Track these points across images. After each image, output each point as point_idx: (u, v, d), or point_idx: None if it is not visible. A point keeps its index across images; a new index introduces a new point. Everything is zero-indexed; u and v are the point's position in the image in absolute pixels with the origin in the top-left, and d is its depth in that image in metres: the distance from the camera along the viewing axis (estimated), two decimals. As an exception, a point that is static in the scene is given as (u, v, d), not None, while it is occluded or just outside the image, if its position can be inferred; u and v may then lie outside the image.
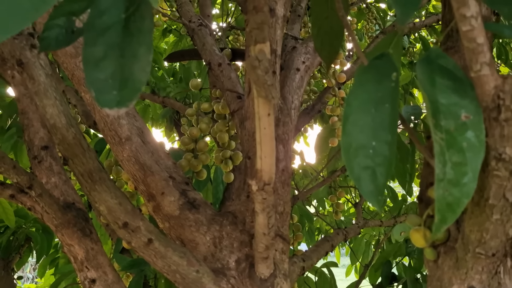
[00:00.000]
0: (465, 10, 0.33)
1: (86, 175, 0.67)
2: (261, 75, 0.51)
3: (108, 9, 0.36)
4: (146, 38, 0.35)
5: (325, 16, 0.64)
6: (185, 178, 0.86)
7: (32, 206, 0.97)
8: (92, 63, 0.34)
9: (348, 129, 0.44)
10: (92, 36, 0.35)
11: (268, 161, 0.57)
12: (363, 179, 0.42)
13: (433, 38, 3.35)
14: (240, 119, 0.94)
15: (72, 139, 0.67)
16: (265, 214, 0.61)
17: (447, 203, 0.36)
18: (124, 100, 0.33)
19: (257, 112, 0.55)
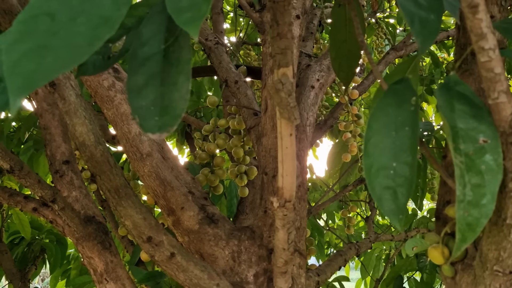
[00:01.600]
0: (484, 43, 0.36)
1: (113, 191, 0.70)
2: (284, 98, 0.54)
3: (148, 40, 0.39)
4: (185, 68, 0.37)
5: (344, 39, 0.66)
6: (204, 193, 0.89)
7: (54, 219, 1.00)
8: (135, 91, 0.37)
9: (370, 150, 0.46)
10: (135, 66, 0.38)
11: (289, 179, 0.59)
12: (384, 199, 0.45)
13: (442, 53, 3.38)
14: (256, 135, 0.97)
15: (100, 157, 0.70)
16: (285, 230, 0.63)
17: (467, 223, 0.38)
18: (165, 126, 0.35)
19: (280, 132, 0.58)
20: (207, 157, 1.05)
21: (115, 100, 0.89)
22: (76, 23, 0.33)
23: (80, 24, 0.33)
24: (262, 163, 0.91)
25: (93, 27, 0.33)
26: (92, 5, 0.34)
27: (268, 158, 0.89)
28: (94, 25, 0.33)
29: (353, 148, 1.22)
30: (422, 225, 2.30)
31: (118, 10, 0.34)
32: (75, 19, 0.33)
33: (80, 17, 0.33)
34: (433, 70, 3.19)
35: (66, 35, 0.32)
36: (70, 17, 0.33)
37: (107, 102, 0.88)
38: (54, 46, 0.31)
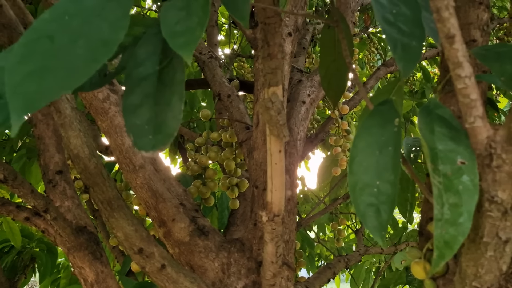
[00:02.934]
0: (460, 71, 0.38)
1: (105, 203, 0.71)
2: (274, 116, 0.56)
3: (144, 61, 0.41)
4: (178, 89, 0.39)
5: (333, 59, 0.68)
6: (195, 205, 0.90)
7: (46, 229, 1.01)
8: (130, 110, 0.39)
9: (354, 169, 0.48)
10: (130, 86, 0.40)
11: (278, 194, 0.61)
12: (368, 215, 0.46)
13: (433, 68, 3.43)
14: (248, 149, 0.98)
15: (93, 169, 0.72)
16: (273, 244, 0.65)
17: (444, 241, 0.40)
18: (158, 144, 0.37)
19: (269, 149, 0.60)
20: (199, 169, 1.06)
21: (110, 112, 0.90)
22: (75, 45, 0.35)
23: (79, 47, 0.35)
24: (253, 176, 0.93)
25: (92, 50, 0.35)
26: (90, 28, 0.36)
27: (259, 171, 0.91)
28: (93, 48, 0.35)
29: (343, 162, 1.24)
30: (412, 238, 2.32)
31: (116, 33, 0.36)
32: (75, 42, 0.35)
33: (79, 40, 0.35)
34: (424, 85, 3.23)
35: (66, 58, 0.34)
36: (70, 39, 0.35)
37: (102, 114, 0.90)
38: (54, 68, 0.33)
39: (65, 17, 0.37)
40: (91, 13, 0.37)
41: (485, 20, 0.67)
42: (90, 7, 0.38)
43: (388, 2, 0.47)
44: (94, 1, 0.38)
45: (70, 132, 0.72)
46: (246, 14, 0.42)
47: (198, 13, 0.37)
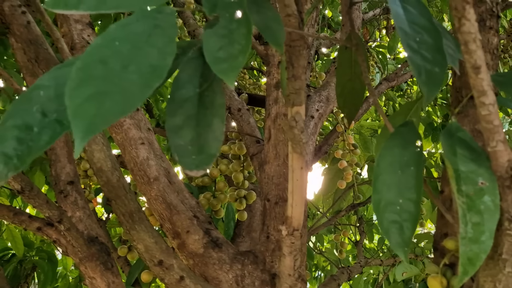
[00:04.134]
0: (485, 98, 0.40)
1: (127, 215, 0.73)
2: (297, 134, 0.58)
3: (185, 84, 0.43)
4: (219, 111, 0.42)
5: (349, 78, 0.71)
6: (208, 217, 0.92)
7: (57, 239, 1.02)
8: (174, 131, 0.41)
9: (378, 187, 0.50)
10: (173, 107, 0.42)
11: (298, 209, 0.63)
12: (391, 232, 0.49)
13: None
14: (259, 162, 1.01)
15: (116, 182, 0.73)
16: (292, 257, 0.67)
17: (468, 258, 0.43)
18: (201, 164, 0.39)
19: (291, 165, 0.62)
20: (209, 181, 1.08)
21: (124, 125, 0.92)
22: (127, 71, 0.37)
23: (131, 72, 0.37)
24: (265, 189, 0.95)
25: (143, 75, 0.37)
26: (140, 54, 0.38)
27: (271, 185, 0.93)
28: (144, 73, 0.37)
29: (349, 176, 1.26)
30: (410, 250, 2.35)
31: (164, 59, 0.38)
32: (127, 67, 0.37)
33: (130, 65, 0.37)
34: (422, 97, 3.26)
35: (120, 83, 0.36)
36: (121, 65, 0.37)
37: (116, 126, 0.92)
38: (111, 92, 0.35)
39: (116, 42, 0.39)
40: (139, 39, 0.39)
41: (495, 44, 0.70)
42: (138, 33, 0.40)
43: (412, 30, 0.50)
44: (141, 27, 0.41)
45: (93, 146, 0.74)
46: (281, 41, 0.44)
47: (240, 41, 0.40)
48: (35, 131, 0.43)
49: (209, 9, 0.42)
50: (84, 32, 0.98)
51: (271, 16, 0.44)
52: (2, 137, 0.43)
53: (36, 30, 0.73)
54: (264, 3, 0.45)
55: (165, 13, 0.43)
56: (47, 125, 0.43)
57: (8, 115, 0.44)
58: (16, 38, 0.73)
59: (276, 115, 0.96)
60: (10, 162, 0.43)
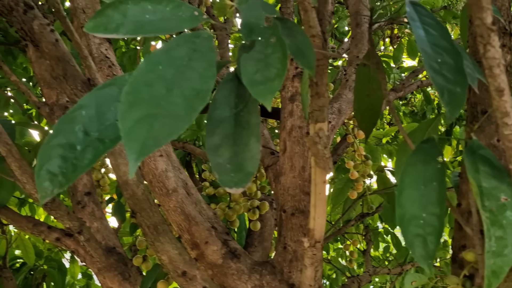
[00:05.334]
0: (508, 119, 0.43)
1: (151, 227, 0.75)
2: (321, 150, 0.60)
3: (221, 105, 0.45)
4: (255, 131, 0.44)
5: (367, 94, 0.73)
6: (225, 228, 0.94)
7: (76, 249, 1.04)
8: (213, 150, 0.43)
9: (402, 201, 0.52)
10: (211, 127, 0.44)
11: (320, 221, 0.65)
12: (415, 245, 0.51)
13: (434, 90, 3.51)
14: (274, 174, 1.03)
15: (141, 195, 0.75)
16: (313, 268, 0.69)
17: (492, 271, 0.45)
18: (240, 182, 0.41)
19: (314, 179, 0.64)
20: (224, 192, 1.10)
21: (143, 138, 0.94)
22: (172, 94, 0.39)
23: (176, 96, 0.39)
24: (281, 200, 0.97)
25: (187, 98, 0.39)
26: (182, 78, 0.41)
27: (287, 196, 0.95)
28: (188, 96, 0.39)
29: (359, 187, 1.28)
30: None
31: (206, 83, 0.40)
32: (171, 91, 0.39)
33: (175, 89, 0.40)
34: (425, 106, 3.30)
35: (167, 106, 0.38)
36: (166, 88, 0.40)
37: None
38: (159, 115, 0.37)
39: (159, 67, 0.41)
40: (180, 63, 0.42)
41: (508, 61, 0.72)
42: (179, 57, 0.42)
43: (433, 52, 0.52)
44: (181, 52, 0.43)
45: (119, 160, 0.76)
46: (313, 64, 0.46)
47: (276, 65, 0.42)
48: (78, 149, 0.45)
49: (246, 35, 0.44)
50: (102, 46, 1.00)
51: (302, 40, 0.46)
52: (47, 156, 0.45)
53: (64, 47, 0.76)
54: (294, 27, 0.48)
55: (202, 37, 0.45)
56: (90, 143, 0.46)
57: (53, 134, 0.46)
58: (44, 55, 0.76)
59: (291, 128, 0.98)
60: (55, 179, 0.45)
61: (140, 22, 0.48)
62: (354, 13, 1.43)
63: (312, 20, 0.57)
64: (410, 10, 0.55)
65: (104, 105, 0.47)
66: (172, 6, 0.50)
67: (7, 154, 0.78)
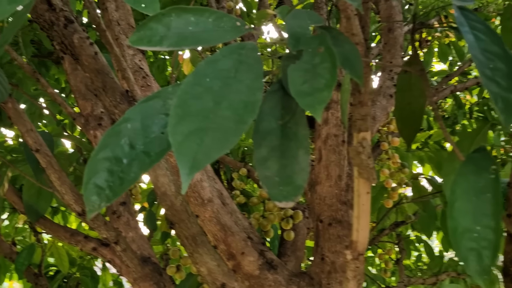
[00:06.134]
0: None
1: (190, 239, 0.75)
2: (365, 160, 0.59)
3: (267, 116, 0.45)
4: (303, 143, 0.43)
5: (408, 102, 0.71)
6: (261, 238, 0.93)
7: (112, 259, 1.05)
8: (261, 163, 0.42)
9: (454, 214, 0.50)
10: (258, 139, 0.43)
11: (364, 233, 0.64)
12: (469, 260, 0.48)
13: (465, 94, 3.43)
14: (309, 183, 1.01)
15: (179, 206, 0.75)
16: (356, 281, 0.67)
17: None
18: (290, 195, 0.40)
19: (357, 190, 0.62)
20: (258, 201, 1.09)
21: (178, 148, 0.94)
22: (221, 107, 0.39)
23: (224, 108, 0.38)
24: (317, 210, 0.95)
25: (236, 111, 0.38)
26: (230, 91, 0.40)
27: (323, 206, 0.93)
28: (237, 109, 0.39)
29: (395, 195, 1.25)
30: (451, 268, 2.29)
31: (254, 95, 0.40)
32: (220, 104, 0.39)
33: (223, 101, 0.39)
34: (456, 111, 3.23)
35: (216, 119, 0.37)
36: (214, 101, 0.39)
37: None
38: (209, 129, 0.37)
39: (206, 79, 0.41)
40: (227, 75, 0.41)
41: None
42: (225, 69, 0.42)
43: (484, 58, 0.50)
44: (228, 64, 0.42)
45: (158, 171, 0.76)
46: (361, 73, 0.45)
47: (325, 75, 0.41)
48: (124, 163, 0.45)
49: (293, 45, 0.43)
50: (136, 57, 1.01)
51: (349, 49, 0.45)
52: (94, 169, 0.45)
53: (103, 60, 0.77)
54: (340, 36, 0.47)
55: (248, 48, 0.44)
56: (136, 157, 0.45)
57: (99, 147, 0.46)
58: (84, 68, 0.77)
59: (326, 136, 0.97)
60: (102, 193, 0.45)
61: (183, 34, 0.48)
62: (385, 18, 1.41)
63: (355, 27, 0.56)
64: (458, 15, 0.53)
65: (149, 118, 0.47)
66: (214, 17, 0.50)
67: (47, 165, 0.80)
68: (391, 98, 1.18)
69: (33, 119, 1.83)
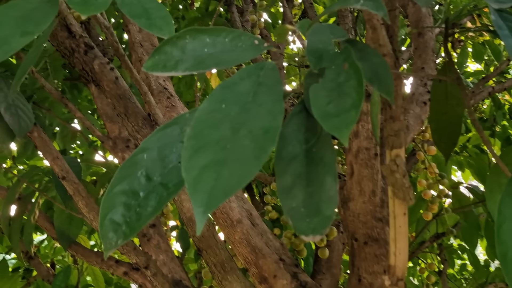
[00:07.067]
0: None
1: (218, 266, 0.72)
2: (400, 179, 0.54)
3: (290, 140, 0.41)
4: (330, 168, 0.39)
5: (444, 112, 0.67)
6: (294, 259, 0.89)
7: (143, 283, 1.03)
8: (285, 192, 0.39)
9: (502, 237, 0.45)
10: (281, 166, 0.40)
11: (402, 257, 0.59)
12: (524, 289, 0.43)
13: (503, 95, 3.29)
14: (342, 199, 0.97)
15: (206, 232, 0.73)
16: (396, 308, 0.62)
17: None
18: (318, 228, 0.37)
19: (392, 211, 0.58)
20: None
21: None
22: (239, 135, 0.36)
23: (243, 137, 0.35)
24: (351, 228, 0.91)
25: (255, 138, 0.35)
26: (249, 117, 0.37)
27: (357, 223, 0.89)
28: (256, 136, 0.35)
29: (435, 207, 1.19)
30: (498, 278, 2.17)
31: (275, 120, 0.37)
32: (238, 131, 0.36)
33: (241, 129, 0.36)
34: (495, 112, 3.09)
35: (234, 149, 0.35)
36: (232, 129, 0.36)
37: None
38: (226, 160, 0.34)
39: (222, 105, 0.38)
40: (245, 99, 0.38)
41: None
42: (244, 92, 0.39)
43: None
44: (246, 86, 0.40)
45: (183, 196, 0.74)
46: (392, 89, 0.41)
47: (351, 94, 0.37)
48: (141, 196, 0.43)
49: (315, 63, 0.40)
50: (160, 78, 1.00)
51: (378, 63, 0.42)
52: (110, 204, 0.43)
53: (124, 85, 0.76)
54: (367, 49, 0.43)
55: (267, 68, 0.42)
56: (153, 189, 0.43)
57: (115, 180, 0.44)
58: (106, 94, 0.76)
59: (357, 150, 0.93)
60: (119, 229, 0.42)
61: (200, 57, 0.46)
62: (414, 21, 1.35)
63: (382, 38, 0.52)
64: (496, 18, 0.48)
65: (167, 147, 0.45)
66: (231, 36, 0.47)
67: (74, 192, 0.79)
68: (425, 105, 1.12)
69: (65, 141, 1.86)
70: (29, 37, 0.46)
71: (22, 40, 0.46)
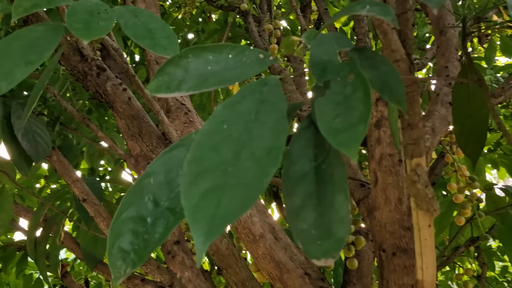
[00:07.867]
0: None
1: (240, 284, 0.70)
2: (422, 189, 0.52)
3: (298, 158, 0.39)
4: (341, 186, 0.37)
5: (468, 114, 0.63)
6: (320, 273, 0.86)
7: (170, 301, 1.02)
8: (294, 213, 0.37)
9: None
10: (289, 186, 0.38)
11: (430, 271, 0.56)
12: None
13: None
14: (367, 208, 0.93)
15: (225, 250, 0.71)
16: (427, 325, 0.59)
17: None
18: (330, 251, 0.35)
19: (416, 223, 0.55)
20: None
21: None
22: (240, 158, 0.34)
23: (245, 159, 0.34)
24: (378, 238, 0.87)
25: (258, 160, 0.34)
26: (251, 137, 0.35)
27: (385, 233, 0.85)
28: (258, 158, 0.34)
29: (467, 211, 1.14)
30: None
31: (278, 140, 0.35)
32: (239, 154, 0.34)
33: (243, 150, 0.34)
34: (528, 106, 2.97)
35: (236, 173, 0.33)
36: (234, 151, 0.34)
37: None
38: (227, 185, 0.32)
39: (224, 126, 0.37)
40: (247, 118, 0.37)
41: None
42: (245, 112, 0.37)
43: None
44: (248, 105, 0.38)
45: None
46: (403, 98, 0.39)
47: (358, 107, 0.35)
48: (149, 222, 0.42)
49: (319, 76, 0.38)
50: (177, 94, 1.00)
51: (387, 71, 0.39)
52: (118, 231, 0.42)
53: (137, 104, 0.76)
54: (376, 57, 0.41)
55: (270, 84, 0.40)
56: (160, 215, 0.42)
57: (122, 207, 0.43)
58: (119, 115, 0.76)
59: (380, 157, 0.89)
60: (128, 257, 0.41)
61: (203, 75, 0.45)
62: (436, 19, 1.31)
63: (394, 43, 0.50)
64: (515, 14, 0.45)
65: (173, 170, 0.44)
66: (235, 52, 0.46)
67: (95, 214, 0.79)
68: (451, 105, 1.08)
69: (93, 160, 1.89)
70: (33, 66, 0.46)
71: (26, 70, 0.46)
